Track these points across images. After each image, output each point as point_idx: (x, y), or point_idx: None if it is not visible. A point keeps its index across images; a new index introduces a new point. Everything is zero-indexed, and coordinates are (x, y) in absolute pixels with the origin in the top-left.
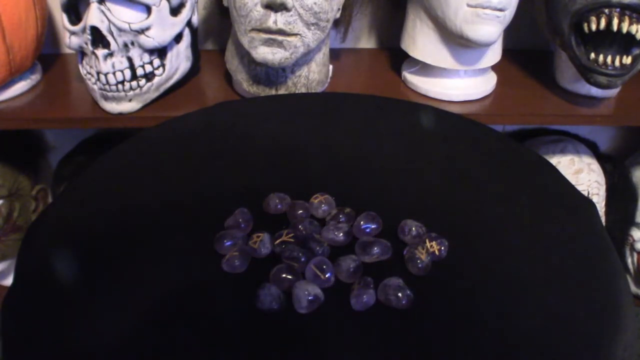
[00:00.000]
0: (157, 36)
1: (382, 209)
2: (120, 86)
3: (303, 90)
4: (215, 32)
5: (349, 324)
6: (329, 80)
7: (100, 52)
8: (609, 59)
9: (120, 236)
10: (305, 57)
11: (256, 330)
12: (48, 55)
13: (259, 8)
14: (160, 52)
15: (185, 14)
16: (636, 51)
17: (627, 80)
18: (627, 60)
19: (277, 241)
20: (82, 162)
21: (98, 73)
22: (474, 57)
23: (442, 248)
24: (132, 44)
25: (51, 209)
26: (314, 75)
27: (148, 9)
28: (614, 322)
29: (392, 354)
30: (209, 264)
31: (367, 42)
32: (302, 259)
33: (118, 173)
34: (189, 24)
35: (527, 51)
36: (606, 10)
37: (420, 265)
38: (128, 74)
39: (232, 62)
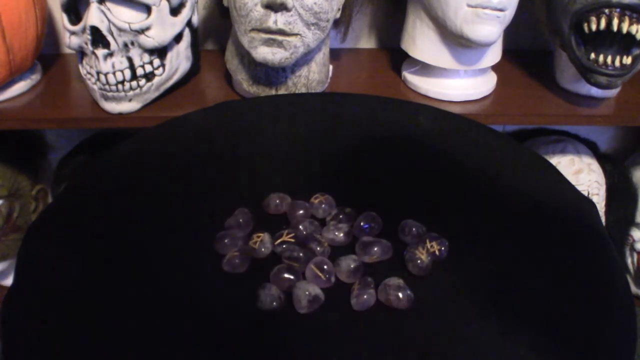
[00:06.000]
0: (157, 36)
1: (382, 209)
2: (120, 86)
3: (303, 90)
4: (215, 32)
5: (349, 324)
6: (329, 80)
7: (100, 52)
8: (609, 59)
9: (119, 236)
10: (305, 57)
11: (256, 330)
12: (48, 55)
13: (259, 8)
14: (160, 52)
15: (185, 14)
16: (636, 51)
17: (627, 80)
18: (627, 60)
19: (277, 241)
20: (82, 162)
21: (98, 73)
22: (474, 57)
23: (442, 248)
24: (132, 44)
25: (51, 209)
26: (314, 75)
27: (148, 9)
28: (614, 322)
29: (392, 354)
30: (209, 264)
31: (367, 42)
32: (302, 259)
33: (118, 173)
34: (189, 24)
35: (527, 51)
36: (606, 11)
37: (420, 265)
38: (128, 74)
39: (232, 62)
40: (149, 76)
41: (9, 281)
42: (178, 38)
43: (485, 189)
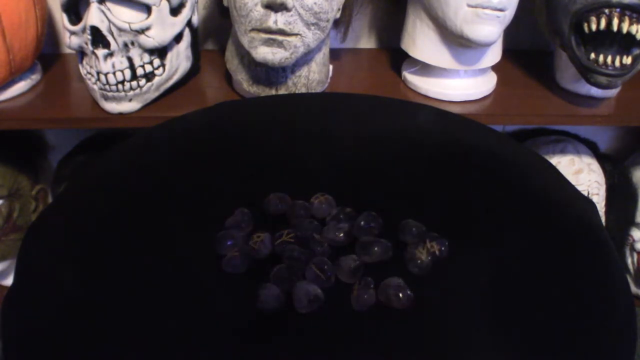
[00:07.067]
0: (157, 36)
1: (382, 209)
2: (120, 86)
3: (303, 90)
4: (215, 32)
5: (349, 324)
6: (329, 80)
7: (100, 52)
8: (609, 59)
9: (119, 236)
10: (305, 57)
11: (256, 330)
12: (48, 55)
13: (259, 8)
14: (160, 52)
15: (185, 13)
16: (636, 51)
17: (627, 80)
18: (627, 60)
19: (278, 241)
20: (82, 162)
21: (98, 73)
22: (474, 57)
23: (442, 248)
24: (132, 43)
25: (51, 209)
26: (314, 75)
27: (148, 9)
28: (614, 322)
29: (392, 354)
30: (209, 264)
31: (367, 42)
32: (303, 259)
33: (118, 173)
34: (189, 23)
35: (527, 51)
36: (606, 11)
37: (420, 265)
38: (128, 73)
39: (232, 62)
40: (149, 76)
41: (9, 281)
42: (178, 38)
43: (485, 189)
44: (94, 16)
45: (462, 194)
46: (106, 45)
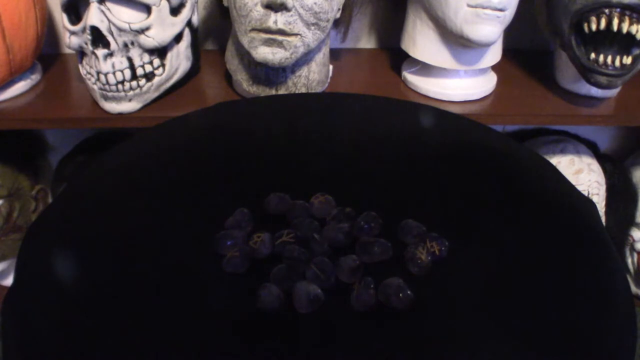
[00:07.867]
0: (157, 36)
1: (382, 209)
2: (120, 86)
3: (303, 90)
4: (215, 32)
5: (349, 324)
6: (329, 80)
7: (100, 52)
8: (609, 59)
9: (119, 236)
10: (305, 57)
11: (256, 330)
12: (48, 55)
13: (259, 8)
14: (160, 52)
15: (185, 13)
16: (636, 51)
17: (627, 80)
18: (627, 60)
19: (278, 241)
20: (82, 162)
21: (98, 73)
22: (474, 57)
23: (442, 248)
24: (132, 43)
25: (51, 209)
26: (314, 75)
27: (148, 9)
28: (614, 322)
29: (392, 354)
30: (209, 264)
31: (367, 42)
32: (303, 259)
33: (118, 173)
34: (189, 23)
35: (527, 51)
36: (606, 10)
37: (420, 265)
38: (128, 74)
39: (232, 62)
40: (149, 76)
41: (9, 281)
42: (178, 38)
43: (485, 188)
44: (94, 16)
45: (462, 194)
46: (106, 45)
